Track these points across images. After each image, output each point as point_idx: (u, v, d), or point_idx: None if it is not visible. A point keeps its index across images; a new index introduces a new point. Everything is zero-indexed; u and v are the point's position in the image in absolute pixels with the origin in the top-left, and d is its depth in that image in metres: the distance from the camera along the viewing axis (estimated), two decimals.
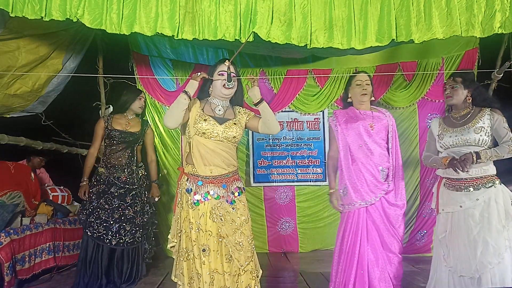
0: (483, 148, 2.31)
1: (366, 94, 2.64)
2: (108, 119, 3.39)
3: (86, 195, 3.29)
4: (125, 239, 3.27)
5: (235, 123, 2.22)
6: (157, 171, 3.53)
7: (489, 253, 2.21)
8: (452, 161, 2.31)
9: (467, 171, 2.28)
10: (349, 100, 2.73)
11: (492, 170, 2.33)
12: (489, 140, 2.33)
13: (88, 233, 3.22)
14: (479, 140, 2.31)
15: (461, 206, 2.33)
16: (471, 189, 2.32)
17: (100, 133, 3.36)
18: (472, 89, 2.44)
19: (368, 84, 2.66)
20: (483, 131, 2.31)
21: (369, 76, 2.73)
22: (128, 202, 3.31)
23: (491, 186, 2.30)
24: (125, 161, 3.35)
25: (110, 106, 4.24)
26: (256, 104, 2.24)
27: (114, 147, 3.33)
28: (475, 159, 2.25)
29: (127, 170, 3.34)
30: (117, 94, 3.65)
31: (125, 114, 3.45)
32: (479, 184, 2.31)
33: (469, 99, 2.44)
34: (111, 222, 3.23)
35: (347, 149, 2.63)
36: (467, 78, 2.46)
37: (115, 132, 3.32)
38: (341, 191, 2.65)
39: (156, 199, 3.42)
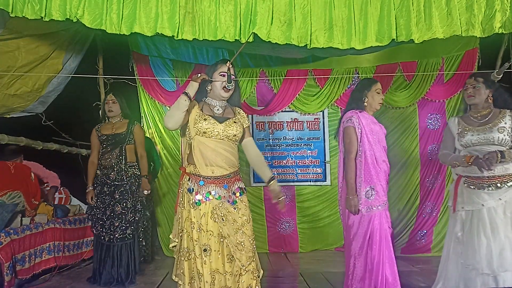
0: (505, 147, 2.34)
1: (382, 103, 2.73)
2: (98, 127, 3.57)
3: (93, 199, 3.46)
4: (114, 235, 3.35)
5: (235, 122, 2.22)
6: (147, 166, 3.56)
7: None
8: (476, 159, 2.33)
9: (492, 169, 2.30)
10: (365, 104, 2.69)
11: None
12: (510, 140, 2.35)
13: (94, 231, 3.45)
14: (502, 140, 2.34)
15: (483, 205, 2.35)
16: (493, 187, 2.34)
17: (94, 142, 3.55)
18: (494, 89, 2.46)
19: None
20: (506, 131, 2.35)
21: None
22: (117, 198, 3.39)
23: None
24: (113, 161, 3.44)
25: None
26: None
27: (103, 150, 3.50)
28: (499, 157, 2.27)
29: (116, 169, 3.44)
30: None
31: (108, 120, 3.58)
32: (501, 182, 2.33)
33: (490, 99, 2.46)
34: (105, 219, 3.39)
35: (372, 150, 2.62)
36: (488, 78, 2.48)
37: (103, 137, 3.49)
38: (364, 193, 2.58)
39: (146, 192, 3.45)
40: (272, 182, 2.32)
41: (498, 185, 2.33)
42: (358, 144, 2.62)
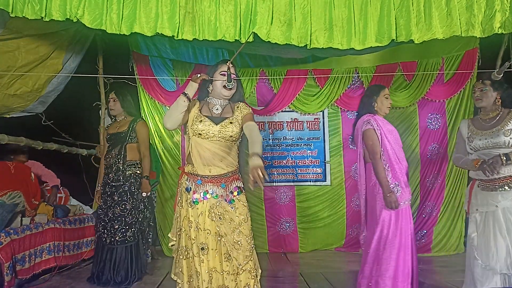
0: None
1: (390, 107, 2.87)
2: (107, 127, 3.62)
3: (99, 200, 3.50)
4: (115, 237, 3.31)
5: (231, 122, 2.21)
6: (149, 167, 3.46)
7: None
8: (482, 164, 2.35)
9: (497, 172, 2.31)
10: (375, 108, 2.83)
11: None
12: None
13: (96, 231, 3.46)
14: (508, 143, 2.35)
15: (497, 206, 2.35)
16: (506, 187, 2.35)
17: (104, 142, 3.62)
18: (502, 91, 2.47)
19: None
20: None
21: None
22: (116, 200, 3.35)
23: None
24: (112, 160, 3.42)
25: None
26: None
27: (107, 149, 3.52)
28: (504, 161, 2.29)
29: (114, 168, 3.40)
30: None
31: (115, 119, 3.61)
32: None
33: (498, 101, 2.47)
34: (106, 221, 3.37)
35: (393, 149, 2.75)
36: (496, 80, 2.49)
37: (107, 136, 3.52)
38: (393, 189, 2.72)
39: (144, 194, 3.37)
40: (253, 157, 1.93)
41: (509, 185, 2.34)
42: (380, 145, 2.75)
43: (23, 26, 3.00)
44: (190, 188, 2.18)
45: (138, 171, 3.46)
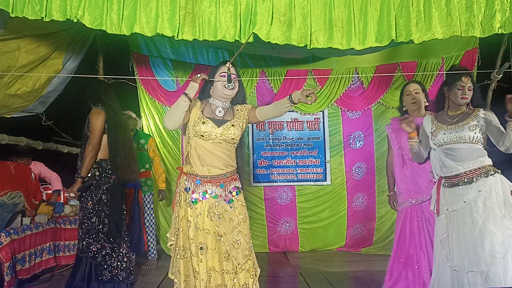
0: (478, 145, 2.35)
1: (415, 102, 2.82)
2: None
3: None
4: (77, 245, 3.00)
5: (233, 125, 2.23)
6: (89, 162, 2.86)
7: (497, 243, 2.20)
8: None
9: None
10: (404, 109, 2.88)
11: (488, 161, 2.36)
12: (483, 138, 2.36)
13: None
14: (473, 138, 2.34)
15: (465, 201, 2.32)
16: (471, 181, 2.33)
17: None
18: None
19: (418, 93, 2.82)
20: (478, 128, 2.35)
21: (420, 84, 2.89)
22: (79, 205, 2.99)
23: (491, 175, 2.31)
24: (78, 161, 3.02)
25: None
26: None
27: None
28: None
29: (78, 169, 2.97)
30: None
31: None
32: (479, 175, 2.32)
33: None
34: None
35: (400, 153, 2.82)
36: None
37: None
38: (396, 191, 2.89)
39: (66, 194, 2.90)
40: (292, 95, 2.21)
41: (475, 178, 2.32)
42: (392, 148, 2.90)
43: (23, 26, 3.00)
44: (189, 188, 2.19)
45: (97, 172, 2.94)
